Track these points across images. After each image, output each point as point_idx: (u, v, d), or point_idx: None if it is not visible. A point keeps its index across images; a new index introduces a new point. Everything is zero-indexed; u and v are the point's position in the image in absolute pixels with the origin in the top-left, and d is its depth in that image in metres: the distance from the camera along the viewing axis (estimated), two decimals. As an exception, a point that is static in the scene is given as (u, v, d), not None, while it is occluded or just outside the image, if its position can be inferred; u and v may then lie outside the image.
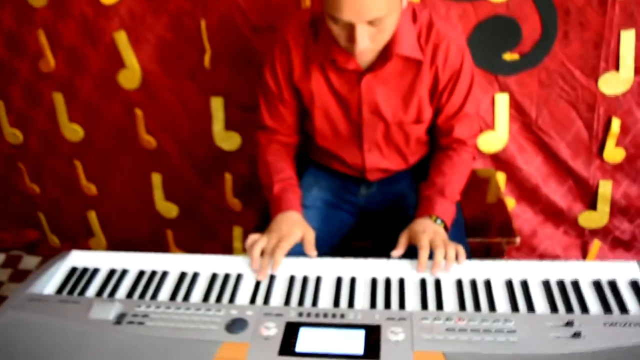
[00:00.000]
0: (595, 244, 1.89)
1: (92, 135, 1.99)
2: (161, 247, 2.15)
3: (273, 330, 0.92)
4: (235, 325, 0.94)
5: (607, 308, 0.96)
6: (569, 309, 0.96)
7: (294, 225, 1.20)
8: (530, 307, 0.97)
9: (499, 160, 1.79)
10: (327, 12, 1.09)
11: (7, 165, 2.20)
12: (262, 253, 1.13)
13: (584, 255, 1.91)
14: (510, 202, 1.85)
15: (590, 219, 1.86)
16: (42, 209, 2.27)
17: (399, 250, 1.14)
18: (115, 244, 2.23)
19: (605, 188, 1.79)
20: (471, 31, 1.60)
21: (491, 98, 1.70)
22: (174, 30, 1.72)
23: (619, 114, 1.67)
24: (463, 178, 1.32)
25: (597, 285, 1.02)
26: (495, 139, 1.75)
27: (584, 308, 0.96)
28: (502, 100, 1.70)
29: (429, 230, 1.14)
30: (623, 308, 0.96)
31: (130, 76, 1.81)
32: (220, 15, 1.66)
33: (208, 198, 2.02)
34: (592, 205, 1.84)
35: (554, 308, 0.96)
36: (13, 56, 1.91)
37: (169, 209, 2.08)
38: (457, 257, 1.08)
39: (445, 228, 1.20)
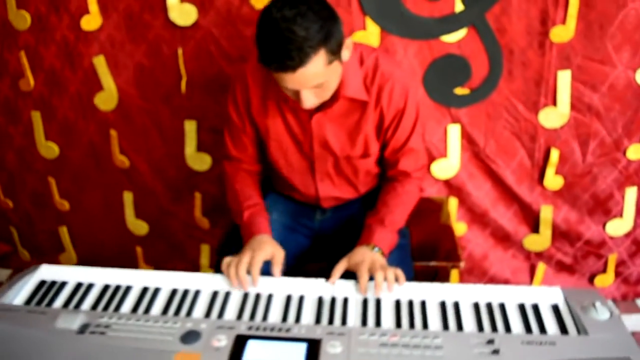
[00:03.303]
0: (541, 267, 1.98)
1: (67, 154, 2.03)
2: (130, 263, 2.18)
3: (223, 342, 1.01)
4: (189, 337, 1.02)
5: (528, 328, 1.07)
6: (494, 328, 1.07)
7: (264, 244, 1.29)
8: (460, 325, 1.08)
9: (451, 186, 1.89)
10: (275, 78, 1.18)
11: (-19, 180, 2.22)
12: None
13: (531, 279, 2.01)
14: (462, 227, 1.95)
15: (535, 242, 1.95)
16: (14, 224, 2.29)
17: (333, 279, 1.21)
18: (85, 260, 2.25)
19: (547, 213, 1.89)
20: (427, 68, 1.71)
21: (444, 129, 1.80)
22: (151, 57, 1.79)
23: (558, 145, 1.78)
24: (406, 208, 1.41)
25: (522, 308, 1.12)
26: (448, 166, 1.85)
27: (508, 328, 1.07)
28: (454, 131, 1.80)
29: (367, 259, 1.22)
30: (542, 329, 1.07)
31: (107, 98, 1.87)
32: (196, 44, 1.75)
33: (177, 216, 2.07)
34: (535, 228, 1.93)
35: (480, 327, 1.07)
36: (-6, 75, 1.96)
37: (139, 227, 2.12)
38: (397, 280, 1.18)
39: (383, 254, 1.29)
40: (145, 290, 1.20)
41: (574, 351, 0.97)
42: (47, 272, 1.27)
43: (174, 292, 1.19)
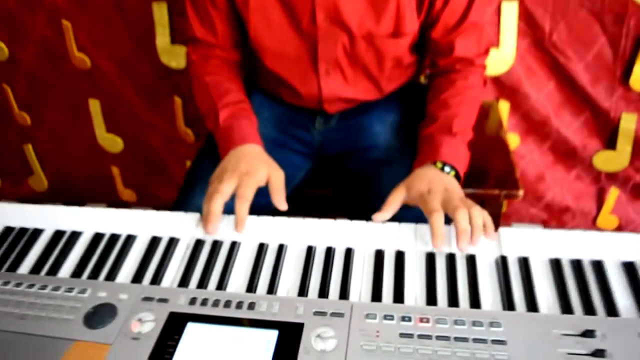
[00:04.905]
0: (613, 193, 1.58)
1: (17, 54, 1.67)
2: (107, 187, 1.89)
3: (148, 325, 0.63)
4: (98, 315, 0.65)
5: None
6: (588, 308, 0.66)
7: (255, 162, 0.89)
8: (532, 302, 0.67)
9: (502, 84, 1.47)
10: None
11: None
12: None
13: (599, 207, 1.61)
14: (514, 139, 1.54)
15: (608, 160, 1.55)
16: (-21, 141, 2.00)
17: (384, 214, 0.82)
18: (56, 183, 1.96)
19: (629, 122, 1.47)
20: None
21: (496, 7, 1.37)
22: None
23: (654, 28, 1.34)
24: (474, 109, 1.00)
25: (630, 269, 0.70)
26: (499, 58, 1.43)
27: (611, 308, 0.65)
28: (510, 10, 1.37)
29: (438, 186, 0.83)
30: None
31: (52, -23, 1.48)
32: None
33: (156, 128, 1.72)
34: (611, 143, 1.52)
35: (566, 306, 0.66)
36: None
37: (112, 142, 1.80)
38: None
39: (458, 178, 0.89)
40: (59, 235, 0.83)
41: None
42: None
43: (97, 239, 0.81)
